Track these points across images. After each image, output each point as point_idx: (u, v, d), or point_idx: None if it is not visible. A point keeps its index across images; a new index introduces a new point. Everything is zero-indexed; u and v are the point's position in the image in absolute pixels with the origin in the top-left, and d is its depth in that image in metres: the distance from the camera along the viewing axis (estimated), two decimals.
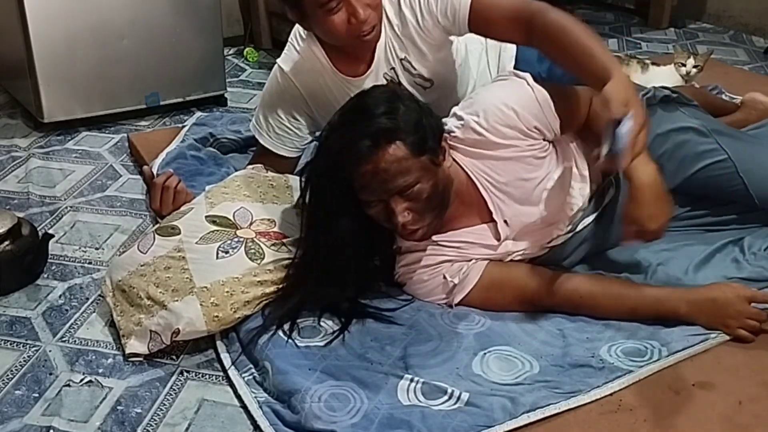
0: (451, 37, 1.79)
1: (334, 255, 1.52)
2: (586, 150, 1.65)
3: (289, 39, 1.88)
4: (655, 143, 1.69)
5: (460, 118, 1.57)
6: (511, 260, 1.61)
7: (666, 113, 1.74)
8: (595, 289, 1.55)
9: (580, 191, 1.63)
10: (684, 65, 2.51)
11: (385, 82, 1.82)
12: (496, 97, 1.56)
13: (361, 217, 1.49)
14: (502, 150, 1.54)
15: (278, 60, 1.88)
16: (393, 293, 1.62)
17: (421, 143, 1.44)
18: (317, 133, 2.11)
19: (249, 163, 1.97)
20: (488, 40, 1.96)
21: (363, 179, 1.42)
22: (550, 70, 2.00)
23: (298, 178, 1.86)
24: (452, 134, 1.56)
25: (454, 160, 1.56)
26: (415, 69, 1.78)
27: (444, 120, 1.59)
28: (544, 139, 1.57)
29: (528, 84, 1.56)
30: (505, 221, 1.57)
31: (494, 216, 1.57)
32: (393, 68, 1.79)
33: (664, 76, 2.49)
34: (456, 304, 1.58)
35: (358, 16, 1.62)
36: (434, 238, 1.57)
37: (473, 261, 1.57)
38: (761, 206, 1.74)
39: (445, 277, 1.58)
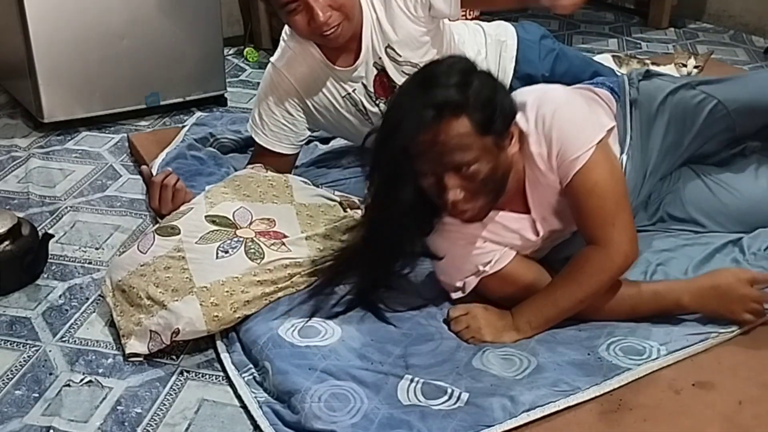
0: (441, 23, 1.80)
1: (390, 223, 1.47)
2: None
3: (281, 36, 1.91)
4: (658, 114, 1.73)
5: (539, 143, 1.48)
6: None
7: (654, 84, 1.78)
8: None
9: None
10: (685, 65, 2.51)
11: (375, 71, 1.84)
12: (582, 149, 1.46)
13: (418, 188, 1.43)
14: None
15: (271, 59, 1.91)
16: (401, 298, 1.61)
17: (487, 122, 1.38)
18: (315, 131, 2.13)
19: (248, 164, 1.97)
20: (487, 37, 1.97)
21: (420, 147, 1.37)
22: (552, 69, 2.00)
23: (297, 177, 1.88)
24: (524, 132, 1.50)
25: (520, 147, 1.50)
26: (400, 56, 1.79)
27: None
28: None
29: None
30: (543, 218, 1.56)
31: (532, 213, 1.55)
32: (380, 58, 1.81)
33: None
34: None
35: (316, 19, 1.67)
36: None
37: (503, 249, 1.55)
38: (739, 135, 1.79)
39: (473, 258, 1.54)
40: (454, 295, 1.59)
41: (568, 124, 1.47)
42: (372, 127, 1.90)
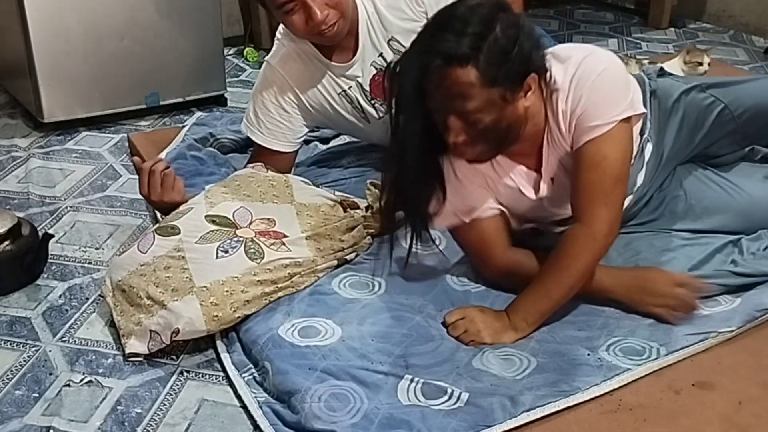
0: None
1: (401, 142, 1.47)
2: None
3: (276, 35, 1.92)
4: (673, 110, 1.75)
5: (567, 100, 1.47)
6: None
7: (668, 82, 1.82)
8: (534, 263, 1.56)
9: None
10: (701, 64, 2.51)
11: (374, 70, 1.84)
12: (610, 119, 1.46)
13: (428, 116, 1.44)
14: None
15: (266, 57, 1.92)
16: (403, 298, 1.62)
17: (497, 75, 1.37)
18: (315, 131, 2.13)
19: (247, 163, 1.97)
20: None
21: (428, 86, 1.39)
22: None
23: (297, 177, 1.88)
24: (555, 86, 1.48)
25: (545, 102, 1.49)
26: (404, 47, 1.79)
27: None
28: None
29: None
30: (552, 179, 1.56)
31: (543, 169, 1.55)
32: (381, 54, 1.82)
33: None
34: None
35: (314, 18, 1.68)
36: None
37: (489, 205, 1.58)
38: (743, 144, 1.83)
39: (459, 197, 1.57)
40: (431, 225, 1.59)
41: (605, 89, 1.46)
42: (369, 126, 1.91)
